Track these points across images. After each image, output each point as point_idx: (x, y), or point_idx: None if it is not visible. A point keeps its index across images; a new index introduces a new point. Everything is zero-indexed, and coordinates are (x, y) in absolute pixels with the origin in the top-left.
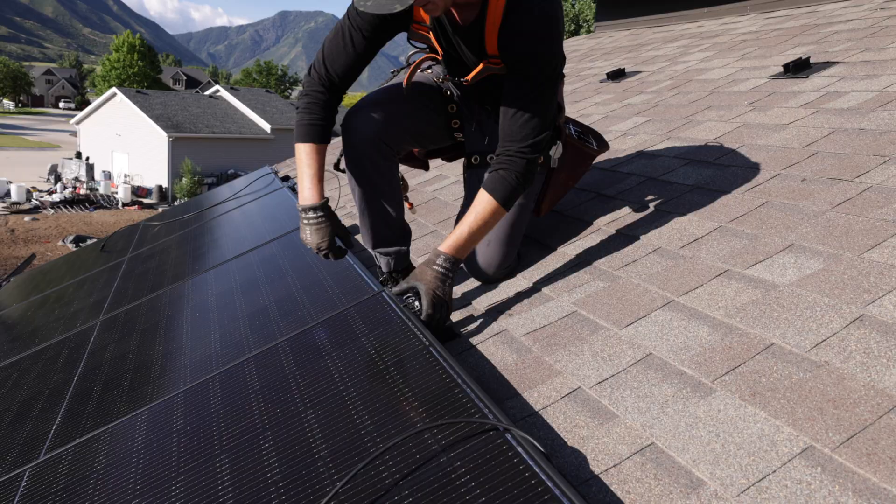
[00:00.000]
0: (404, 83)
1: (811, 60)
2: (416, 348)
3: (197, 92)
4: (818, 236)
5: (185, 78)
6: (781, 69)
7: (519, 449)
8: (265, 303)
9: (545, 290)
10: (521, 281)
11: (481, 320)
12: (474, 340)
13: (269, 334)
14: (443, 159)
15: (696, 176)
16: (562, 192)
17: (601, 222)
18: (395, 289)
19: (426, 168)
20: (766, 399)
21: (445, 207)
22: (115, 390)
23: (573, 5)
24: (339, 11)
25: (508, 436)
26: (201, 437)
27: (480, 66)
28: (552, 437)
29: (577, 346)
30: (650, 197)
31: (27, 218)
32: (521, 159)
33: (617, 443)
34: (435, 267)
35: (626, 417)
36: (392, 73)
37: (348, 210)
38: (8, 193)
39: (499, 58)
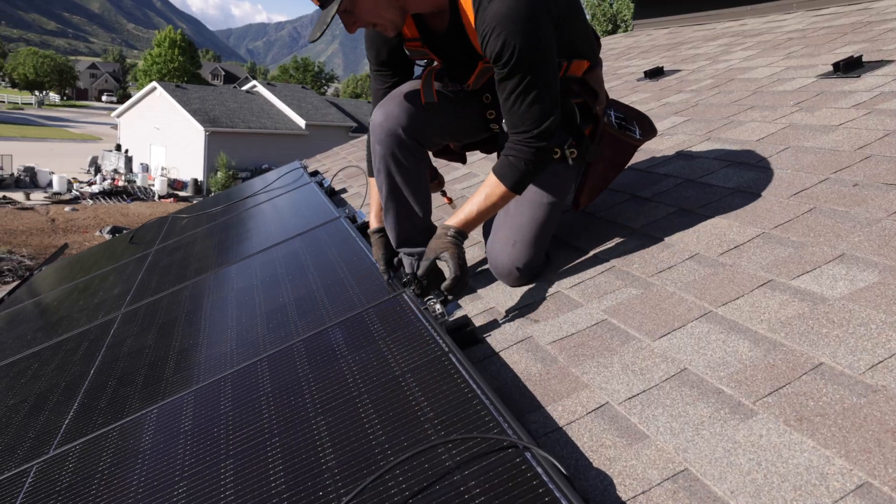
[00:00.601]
0: (422, 101)
1: (863, 59)
2: (434, 354)
3: (234, 87)
4: (872, 246)
5: (223, 73)
6: (831, 68)
7: (539, 469)
8: (284, 300)
9: (574, 295)
10: (549, 285)
11: (505, 325)
12: (497, 347)
13: (285, 333)
14: (481, 151)
15: (738, 178)
16: (602, 185)
17: (635, 225)
18: (420, 270)
19: (463, 161)
20: (814, 425)
21: None
22: (129, 386)
23: (611, 5)
24: None
25: (528, 454)
26: (208, 440)
27: (479, 67)
28: (576, 456)
29: (606, 358)
30: (688, 200)
31: (67, 208)
32: (528, 148)
33: (647, 466)
34: (449, 236)
35: (657, 438)
36: (421, 65)
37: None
38: (50, 184)
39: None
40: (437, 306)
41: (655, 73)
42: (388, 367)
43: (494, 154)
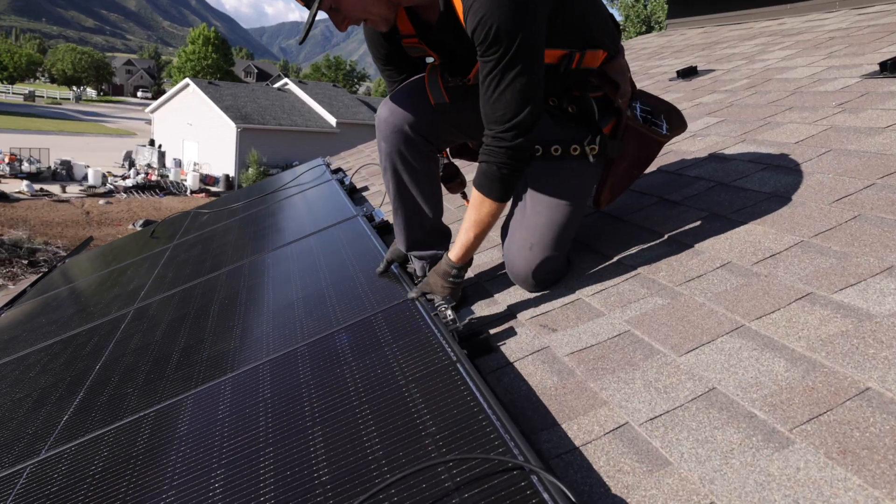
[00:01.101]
0: (431, 102)
1: None
2: (441, 363)
3: (267, 85)
4: None
5: (256, 71)
6: (877, 67)
7: (546, 496)
8: (293, 299)
9: (595, 303)
10: (569, 291)
11: (521, 334)
12: (511, 357)
13: (290, 335)
14: None
15: (775, 182)
16: (625, 184)
17: (663, 230)
18: (412, 292)
19: None
20: (860, 460)
21: None
22: (130, 384)
23: (645, 6)
24: None
25: (535, 478)
26: (200, 447)
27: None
28: (591, 481)
29: (628, 373)
30: (720, 204)
31: (101, 201)
32: (499, 148)
33: (669, 497)
34: (450, 280)
35: (681, 466)
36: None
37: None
38: (85, 177)
39: None
40: (448, 312)
41: (688, 73)
42: (392, 375)
43: None
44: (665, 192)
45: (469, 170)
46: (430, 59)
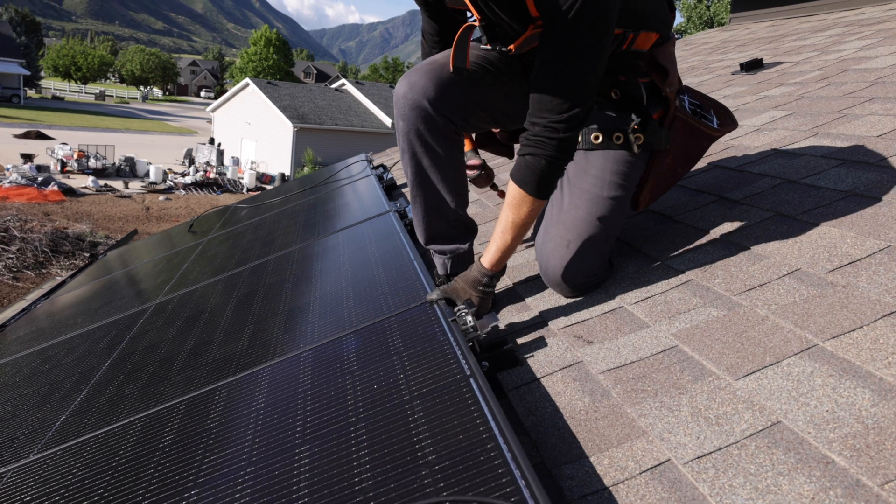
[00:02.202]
0: (450, 66)
1: None
2: (453, 377)
3: (325, 85)
4: None
5: (315, 72)
6: None
7: None
8: (308, 300)
9: (639, 313)
10: (609, 298)
11: (552, 345)
12: (538, 372)
13: (298, 338)
14: None
15: (853, 180)
16: (668, 182)
17: (721, 231)
18: (433, 294)
19: (510, 155)
20: None
21: None
22: (133, 384)
23: (708, 7)
24: None
25: None
26: (182, 461)
27: (528, 32)
28: None
29: (673, 398)
30: (788, 203)
31: (161, 197)
32: (548, 139)
33: None
34: (480, 289)
35: None
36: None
37: None
38: (147, 174)
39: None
40: (469, 318)
41: (753, 66)
42: (396, 389)
43: None
44: (724, 191)
45: (494, 164)
46: (470, 18)
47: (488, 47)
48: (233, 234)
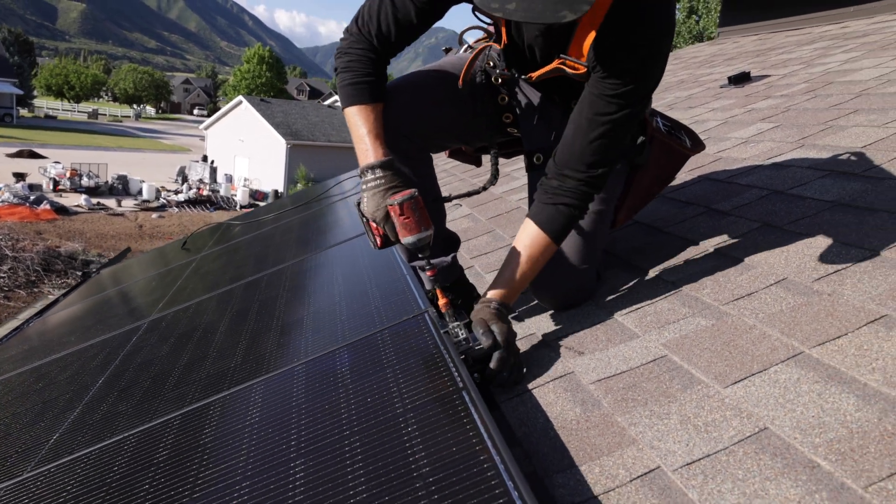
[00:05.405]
0: (460, 81)
1: None
2: (445, 390)
3: (318, 102)
4: None
5: (308, 89)
6: None
7: None
8: (302, 314)
9: (629, 323)
10: (599, 310)
11: (543, 356)
12: (531, 384)
13: (292, 353)
14: (500, 155)
15: (838, 190)
16: (644, 200)
17: (710, 243)
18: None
19: (478, 164)
20: None
21: None
22: (127, 401)
23: (697, 21)
24: (459, 27)
25: None
26: (176, 476)
27: (553, 64)
28: None
29: (663, 406)
30: (775, 214)
31: (154, 215)
32: (586, 193)
33: None
34: (492, 308)
35: None
36: (444, 51)
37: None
38: (140, 192)
39: (580, 63)
40: (460, 331)
41: (741, 79)
42: (389, 401)
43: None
44: (712, 202)
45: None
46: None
47: (504, 71)
48: (226, 251)
